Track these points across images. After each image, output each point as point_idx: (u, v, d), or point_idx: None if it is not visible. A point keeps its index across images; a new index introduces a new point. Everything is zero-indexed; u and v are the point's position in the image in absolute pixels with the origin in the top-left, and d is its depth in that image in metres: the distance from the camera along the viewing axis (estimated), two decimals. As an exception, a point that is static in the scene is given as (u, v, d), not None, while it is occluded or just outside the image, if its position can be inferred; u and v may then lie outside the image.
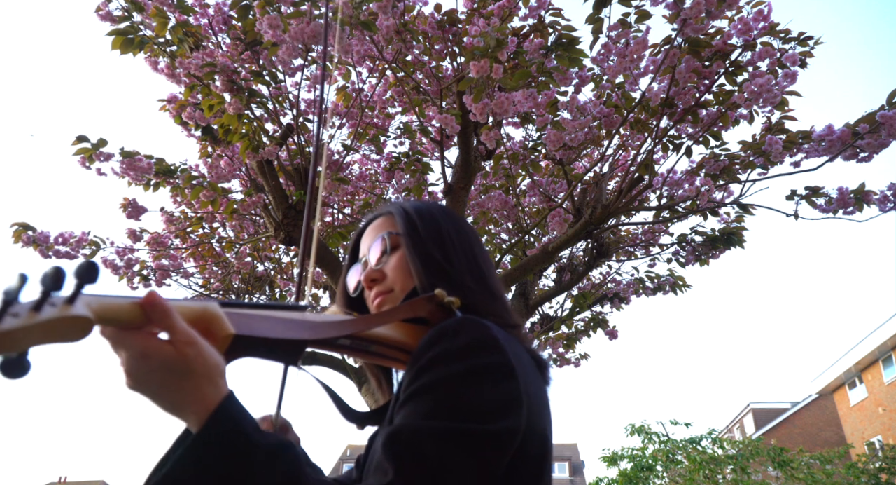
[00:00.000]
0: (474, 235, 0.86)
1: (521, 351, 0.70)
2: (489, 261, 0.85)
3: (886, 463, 12.54)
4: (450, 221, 0.84)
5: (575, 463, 29.33)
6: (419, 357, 0.64)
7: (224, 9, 3.23)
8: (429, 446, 0.56)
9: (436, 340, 0.64)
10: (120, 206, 3.92)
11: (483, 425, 0.57)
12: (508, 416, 0.60)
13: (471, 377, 0.60)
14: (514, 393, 0.61)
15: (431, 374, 0.61)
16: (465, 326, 0.65)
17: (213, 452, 0.52)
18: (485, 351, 0.62)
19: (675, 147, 3.24)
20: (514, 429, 0.60)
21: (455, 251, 0.80)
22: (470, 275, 0.79)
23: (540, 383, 0.71)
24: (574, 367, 5.15)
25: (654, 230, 4.58)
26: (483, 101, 2.73)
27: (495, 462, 0.58)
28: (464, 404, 0.59)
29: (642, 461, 12.39)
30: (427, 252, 0.78)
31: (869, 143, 2.79)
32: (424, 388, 0.61)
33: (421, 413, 0.59)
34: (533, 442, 0.63)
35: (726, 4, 2.61)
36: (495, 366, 0.62)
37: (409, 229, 0.81)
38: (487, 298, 0.78)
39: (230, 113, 3.03)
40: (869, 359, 16.86)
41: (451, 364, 0.61)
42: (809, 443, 19.94)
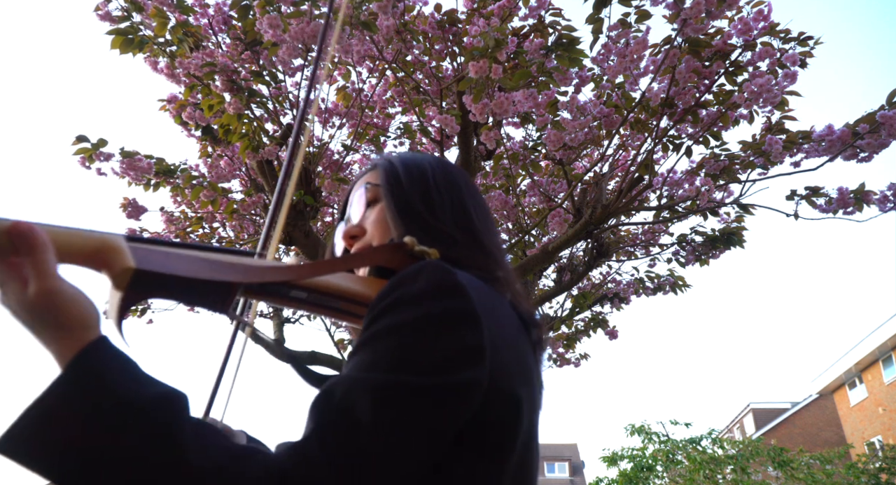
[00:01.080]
0: (470, 188, 0.79)
1: (499, 303, 0.62)
2: (486, 216, 0.78)
3: (886, 463, 12.54)
4: (441, 171, 0.77)
5: (575, 463, 29.34)
6: (374, 306, 0.57)
7: (224, 9, 3.23)
8: (358, 401, 0.50)
9: (391, 289, 0.57)
10: (120, 206, 3.92)
11: (426, 379, 0.50)
12: (462, 369, 0.52)
13: (423, 324, 0.53)
14: (471, 343, 0.53)
15: (379, 323, 0.55)
16: (424, 271, 0.57)
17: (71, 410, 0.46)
18: (444, 297, 0.55)
19: (675, 147, 3.24)
20: (466, 383, 0.52)
21: (441, 201, 0.73)
22: (457, 226, 0.72)
23: (520, 341, 0.62)
24: (574, 367, 5.16)
25: (654, 230, 4.58)
26: (483, 102, 2.73)
27: (440, 421, 0.51)
28: (410, 354, 0.52)
29: (642, 461, 12.40)
30: (406, 201, 0.72)
31: (869, 143, 2.79)
32: (371, 338, 0.54)
33: (361, 365, 0.53)
34: (498, 404, 0.55)
35: (726, 4, 2.61)
36: (453, 312, 0.54)
37: (390, 179, 0.75)
38: (474, 251, 0.70)
39: (230, 113, 3.03)
40: (869, 359, 16.87)
41: (402, 312, 0.54)
42: (809, 443, 19.94)
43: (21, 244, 0.48)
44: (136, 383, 0.49)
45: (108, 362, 0.49)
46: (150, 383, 0.50)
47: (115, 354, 0.51)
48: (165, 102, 3.58)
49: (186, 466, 0.45)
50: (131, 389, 0.48)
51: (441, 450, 0.52)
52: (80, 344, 0.49)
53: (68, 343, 0.49)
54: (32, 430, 0.45)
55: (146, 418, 0.46)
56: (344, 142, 3.94)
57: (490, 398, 0.54)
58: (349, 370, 0.53)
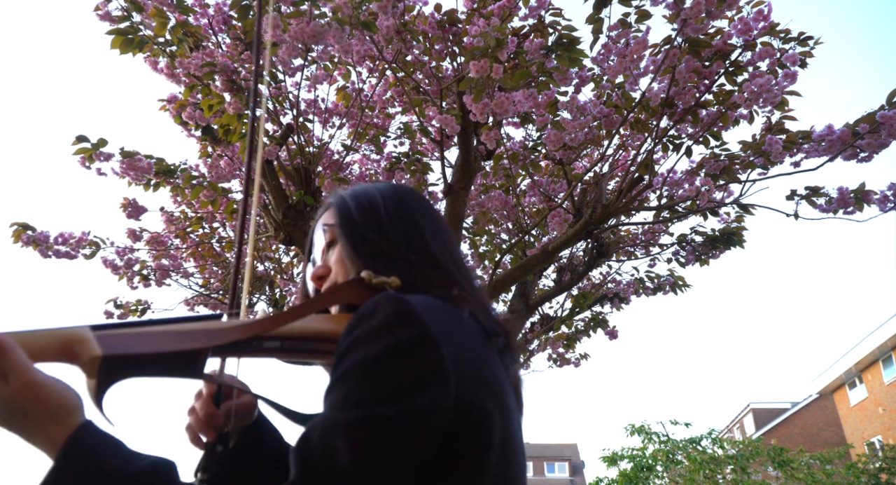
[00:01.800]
0: (424, 209, 0.81)
1: (457, 320, 0.64)
2: (442, 235, 0.79)
3: (886, 463, 12.55)
4: (392, 198, 0.79)
5: (575, 463, 29.35)
6: (340, 345, 0.60)
7: (224, 9, 3.23)
8: (334, 441, 0.53)
9: (352, 327, 0.61)
10: (120, 206, 3.92)
11: (394, 407, 0.53)
12: (425, 392, 0.55)
13: (383, 358, 0.56)
14: (432, 367, 0.56)
15: (344, 363, 0.58)
16: (379, 305, 0.60)
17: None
18: (399, 327, 0.58)
19: (675, 147, 3.24)
20: (431, 407, 0.55)
21: (394, 228, 0.75)
22: (411, 250, 0.74)
23: (484, 353, 0.64)
24: (574, 367, 5.16)
25: (654, 230, 4.58)
26: (483, 101, 2.73)
27: (412, 446, 0.54)
28: (373, 389, 0.55)
29: (642, 461, 12.40)
30: (360, 235, 0.75)
31: (869, 143, 2.79)
32: (339, 377, 0.58)
33: (333, 405, 0.56)
34: (468, 417, 0.57)
35: (726, 4, 2.61)
36: (411, 341, 0.57)
37: (342, 218, 0.78)
38: (430, 272, 0.73)
39: (230, 113, 3.03)
40: (869, 359, 16.87)
41: (363, 349, 0.58)
42: (809, 443, 19.93)
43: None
44: (125, 461, 0.52)
45: (97, 444, 0.53)
46: (139, 458, 0.54)
47: (103, 436, 0.54)
48: (165, 102, 3.58)
49: None
50: (122, 466, 0.51)
51: (417, 474, 0.55)
52: (67, 430, 0.52)
53: (55, 430, 0.52)
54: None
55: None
56: (344, 142, 3.94)
57: (458, 415, 0.56)
58: (324, 412, 0.57)
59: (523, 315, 4.51)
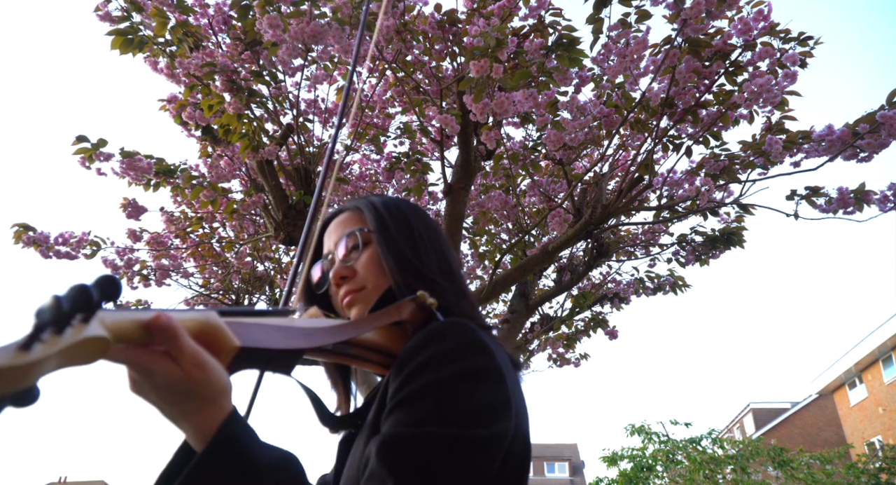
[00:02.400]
0: (440, 231, 0.85)
1: (502, 351, 0.69)
2: (456, 258, 0.84)
3: (886, 463, 12.55)
4: (418, 218, 0.83)
5: (575, 463, 29.35)
6: (407, 362, 0.62)
7: (224, 9, 3.23)
8: (424, 454, 0.55)
9: (424, 345, 0.63)
10: (120, 206, 3.92)
11: (476, 431, 0.57)
12: (499, 419, 0.60)
13: (462, 382, 0.60)
14: (503, 396, 0.61)
15: (422, 379, 0.60)
16: (453, 330, 0.64)
17: (217, 474, 0.52)
18: (473, 355, 0.62)
19: (675, 147, 3.24)
20: (504, 432, 0.60)
21: (425, 249, 0.78)
22: (441, 273, 0.77)
23: (520, 383, 0.71)
24: (574, 367, 5.16)
25: (654, 230, 4.58)
26: (483, 101, 2.73)
27: (488, 466, 0.58)
28: (456, 410, 0.58)
29: (642, 461, 12.40)
30: (400, 250, 0.76)
31: (869, 143, 2.79)
32: (415, 393, 0.59)
33: (413, 420, 0.58)
34: (518, 442, 0.64)
35: (726, 4, 2.61)
36: (485, 370, 0.61)
37: (380, 226, 0.79)
38: (459, 298, 0.77)
39: (230, 113, 3.03)
40: (869, 359, 16.87)
41: (441, 369, 0.60)
42: (809, 443, 19.94)
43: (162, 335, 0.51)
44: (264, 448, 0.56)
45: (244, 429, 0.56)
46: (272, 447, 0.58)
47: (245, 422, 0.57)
48: (165, 102, 3.58)
49: None
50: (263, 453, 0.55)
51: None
52: (223, 413, 0.54)
53: (214, 411, 0.54)
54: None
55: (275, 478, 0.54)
56: (344, 142, 3.94)
57: (513, 442, 0.63)
58: (397, 426, 0.58)
59: (523, 315, 4.51)
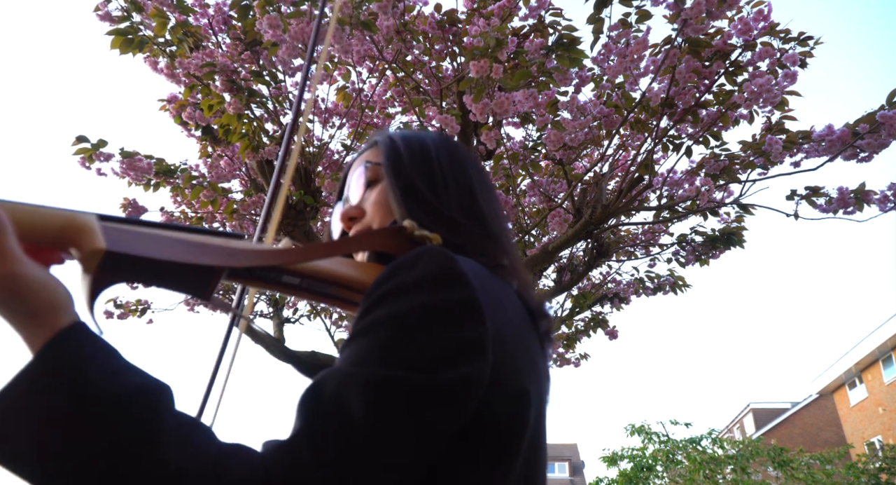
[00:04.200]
0: (477, 167, 0.75)
1: (505, 293, 0.59)
2: (493, 198, 0.73)
3: (886, 463, 12.55)
4: (445, 149, 0.73)
5: (575, 463, 29.35)
6: (370, 294, 0.53)
7: (224, 9, 3.23)
8: (350, 397, 0.46)
9: (388, 276, 0.53)
10: (120, 206, 3.92)
11: (422, 374, 0.47)
12: (461, 363, 0.48)
13: (420, 316, 0.50)
14: (471, 336, 0.50)
15: (373, 314, 0.51)
16: (423, 257, 0.53)
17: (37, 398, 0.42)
18: (443, 285, 0.51)
19: (675, 147, 3.24)
20: (465, 379, 0.48)
21: (445, 181, 0.69)
22: (461, 209, 0.67)
23: (528, 333, 0.59)
24: (574, 367, 5.16)
25: (654, 230, 4.58)
26: (483, 101, 2.73)
27: (437, 420, 0.47)
28: (406, 348, 0.48)
29: (642, 461, 12.40)
30: (409, 181, 0.68)
31: (869, 143, 2.79)
32: (365, 329, 0.51)
33: (354, 358, 0.49)
34: (504, 401, 0.52)
35: (726, 4, 2.61)
36: (453, 303, 0.51)
37: (391, 157, 0.70)
38: (480, 236, 0.66)
39: (230, 113, 3.03)
40: (869, 359, 16.87)
41: (398, 302, 0.51)
42: (809, 443, 19.94)
43: None
44: (111, 374, 0.45)
45: (81, 350, 0.45)
46: (129, 373, 0.46)
47: (90, 342, 0.46)
48: (165, 102, 3.58)
49: (164, 465, 0.42)
50: (106, 380, 0.44)
51: (438, 450, 0.49)
52: (50, 331, 0.45)
53: (38, 330, 0.45)
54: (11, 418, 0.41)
55: (121, 413, 0.43)
56: (344, 142, 3.94)
57: (495, 395, 0.51)
58: (341, 363, 0.50)
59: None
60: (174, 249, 0.53)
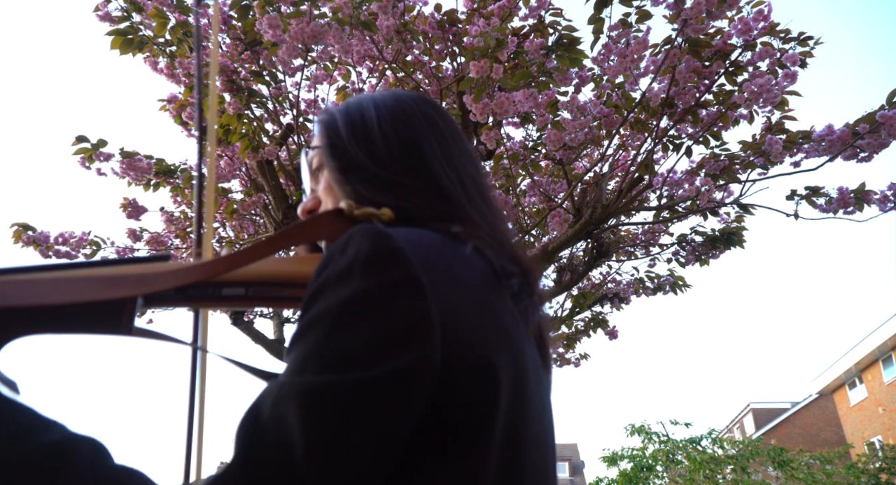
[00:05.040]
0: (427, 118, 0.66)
1: (458, 259, 0.52)
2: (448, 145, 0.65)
3: (886, 463, 12.55)
4: (390, 109, 0.65)
5: (575, 463, 29.35)
6: (308, 290, 0.49)
7: (224, 9, 3.23)
8: (287, 413, 0.42)
9: (322, 266, 0.49)
10: (120, 206, 3.92)
11: (361, 372, 0.42)
12: (403, 351, 0.43)
13: (351, 307, 0.45)
14: (412, 319, 0.45)
15: (309, 314, 0.47)
16: (352, 241, 0.49)
17: None
18: (374, 268, 0.46)
19: (675, 147, 3.24)
20: (410, 368, 0.43)
21: (388, 144, 0.62)
22: (408, 170, 0.60)
23: (492, 298, 0.52)
24: (574, 367, 5.16)
25: (654, 230, 4.58)
26: (483, 102, 2.73)
27: (387, 419, 0.42)
28: (339, 346, 0.44)
29: (642, 461, 12.41)
30: (348, 157, 0.62)
31: (869, 143, 2.79)
32: (302, 330, 0.47)
33: (292, 366, 0.45)
34: (465, 377, 0.46)
35: (726, 5, 2.61)
36: (387, 285, 0.46)
37: (329, 137, 0.65)
38: (431, 196, 0.59)
39: (230, 113, 3.03)
40: (869, 359, 16.88)
41: (330, 295, 0.46)
42: (809, 443, 19.95)
43: None
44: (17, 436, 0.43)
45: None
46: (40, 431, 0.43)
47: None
48: (165, 102, 3.58)
49: None
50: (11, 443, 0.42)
51: (396, 451, 0.43)
52: None
53: None
54: None
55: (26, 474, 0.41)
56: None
57: (452, 375, 0.45)
58: (282, 373, 0.46)
59: (523, 315, 4.51)
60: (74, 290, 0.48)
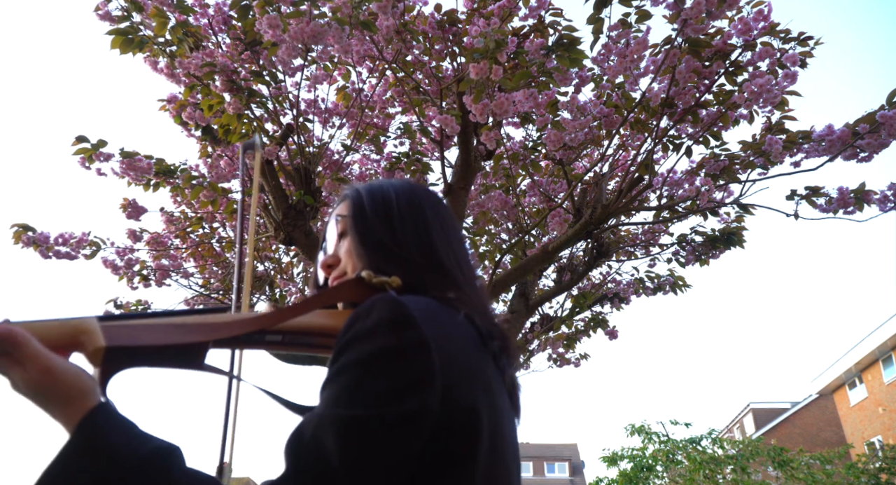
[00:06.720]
0: (435, 208, 0.84)
1: (452, 323, 0.67)
2: (448, 231, 0.82)
3: (886, 463, 12.55)
4: (406, 196, 0.82)
5: (575, 463, 29.35)
6: (337, 342, 0.63)
7: (224, 9, 3.23)
8: (325, 438, 0.56)
9: (349, 326, 0.63)
10: (120, 206, 3.92)
11: (382, 410, 0.56)
12: (413, 396, 0.57)
13: (375, 359, 0.59)
14: (421, 372, 0.59)
15: (340, 361, 0.61)
16: (376, 307, 0.63)
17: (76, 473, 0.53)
18: (394, 330, 0.61)
19: (675, 147, 3.24)
20: (419, 409, 0.57)
21: (404, 227, 0.78)
22: (418, 250, 0.76)
23: (477, 354, 0.67)
24: (574, 367, 5.15)
25: (654, 230, 4.58)
26: (483, 102, 2.73)
27: (400, 447, 0.57)
28: (367, 388, 0.58)
29: (642, 461, 12.41)
30: (369, 231, 0.78)
31: (869, 143, 2.79)
32: (332, 377, 0.61)
33: (326, 402, 0.59)
34: (456, 419, 0.60)
35: (726, 4, 2.61)
36: (403, 345, 0.60)
37: (355, 212, 0.81)
38: (434, 274, 0.75)
39: (230, 113, 3.03)
40: (869, 359, 16.87)
41: (358, 348, 0.60)
42: (809, 443, 19.94)
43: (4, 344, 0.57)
44: (134, 441, 0.56)
45: (109, 425, 0.57)
46: (146, 439, 0.57)
47: (115, 417, 0.58)
48: (165, 102, 3.58)
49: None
50: (129, 447, 0.56)
51: (406, 473, 0.57)
52: (82, 411, 0.57)
53: (72, 411, 0.57)
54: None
55: (142, 472, 0.55)
56: (344, 142, 3.94)
57: (447, 413, 0.59)
58: (318, 407, 0.60)
59: (523, 315, 4.51)
60: (163, 334, 0.63)
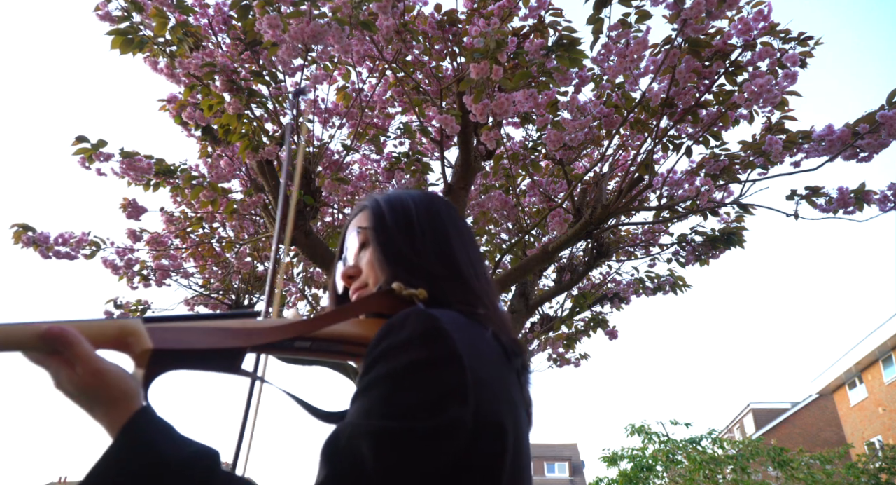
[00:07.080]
0: (453, 219, 0.84)
1: (481, 339, 0.68)
2: (467, 242, 0.83)
3: (886, 463, 12.55)
4: (425, 208, 0.82)
5: (575, 463, 29.35)
6: (368, 355, 0.64)
7: (224, 9, 3.23)
8: (361, 447, 0.56)
9: (382, 337, 0.64)
10: (120, 206, 3.92)
11: (416, 423, 0.57)
12: (446, 410, 0.58)
13: (410, 371, 0.60)
14: (454, 385, 0.59)
15: (374, 372, 0.61)
16: (410, 319, 0.63)
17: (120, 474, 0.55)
18: (427, 343, 0.61)
19: (675, 147, 3.24)
20: (453, 423, 0.58)
21: (424, 239, 0.78)
22: (439, 261, 0.77)
23: (503, 371, 0.68)
24: (574, 367, 5.15)
25: (654, 230, 4.58)
26: (483, 102, 2.73)
27: (432, 459, 0.57)
28: (399, 402, 0.58)
29: (642, 461, 12.41)
30: (391, 242, 0.78)
31: (869, 143, 2.79)
32: (365, 387, 0.61)
33: (361, 412, 0.60)
34: (485, 434, 0.61)
35: (726, 4, 2.60)
36: (436, 358, 0.60)
37: (376, 222, 0.81)
38: (456, 287, 0.76)
39: (230, 113, 3.03)
40: (869, 359, 16.87)
41: (392, 360, 0.61)
42: (809, 443, 19.94)
43: (56, 344, 0.58)
44: (176, 444, 0.58)
45: (152, 428, 0.59)
46: (187, 443, 0.59)
47: (157, 420, 0.60)
48: (165, 102, 3.58)
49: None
50: (172, 449, 0.57)
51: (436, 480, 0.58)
52: (127, 414, 0.58)
53: (116, 414, 0.58)
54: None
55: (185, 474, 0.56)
56: (344, 142, 3.94)
57: (478, 428, 0.60)
58: (352, 416, 0.60)
59: (523, 315, 4.51)
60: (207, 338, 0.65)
